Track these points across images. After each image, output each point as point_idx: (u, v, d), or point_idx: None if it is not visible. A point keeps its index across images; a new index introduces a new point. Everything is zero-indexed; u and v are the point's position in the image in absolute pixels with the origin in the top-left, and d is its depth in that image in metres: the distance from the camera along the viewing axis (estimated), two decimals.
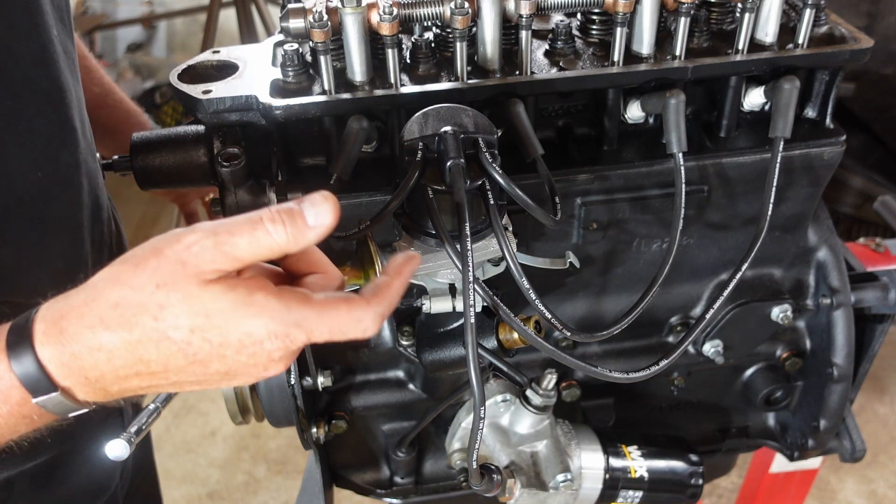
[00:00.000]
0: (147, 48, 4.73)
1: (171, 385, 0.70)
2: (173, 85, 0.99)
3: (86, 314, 0.66)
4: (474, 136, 0.85)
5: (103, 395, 0.70)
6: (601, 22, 1.03)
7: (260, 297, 0.66)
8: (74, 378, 0.67)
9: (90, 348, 0.65)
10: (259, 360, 0.68)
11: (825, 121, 1.11)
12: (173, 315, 0.65)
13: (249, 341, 0.66)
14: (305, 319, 0.67)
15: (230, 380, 0.70)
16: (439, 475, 1.30)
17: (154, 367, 0.67)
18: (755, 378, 1.32)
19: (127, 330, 0.65)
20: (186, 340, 0.65)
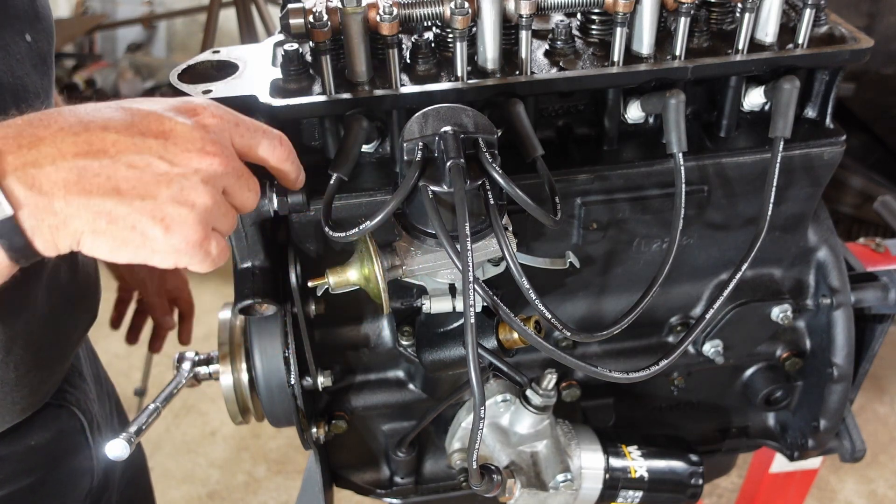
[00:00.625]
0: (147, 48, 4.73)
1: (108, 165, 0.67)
2: (173, 85, 0.99)
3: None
4: (474, 136, 0.85)
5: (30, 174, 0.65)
6: (601, 22, 1.03)
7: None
8: (7, 145, 0.65)
9: (31, 117, 0.67)
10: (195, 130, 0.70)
11: (825, 121, 1.11)
12: (114, 102, 0.70)
13: (185, 105, 0.72)
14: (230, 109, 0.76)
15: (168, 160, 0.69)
16: (439, 475, 1.30)
17: (92, 128, 0.67)
18: (755, 378, 1.32)
19: (69, 108, 0.68)
20: (123, 106, 0.70)
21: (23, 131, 0.65)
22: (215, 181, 0.72)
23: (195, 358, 1.16)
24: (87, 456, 1.17)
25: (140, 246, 0.69)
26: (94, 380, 1.26)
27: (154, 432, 2.84)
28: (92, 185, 0.66)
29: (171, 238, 0.70)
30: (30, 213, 0.65)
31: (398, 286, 1.07)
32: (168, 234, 0.69)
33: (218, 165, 0.71)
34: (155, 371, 2.91)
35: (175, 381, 1.13)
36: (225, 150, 0.72)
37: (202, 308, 3.18)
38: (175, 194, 0.69)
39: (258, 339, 1.06)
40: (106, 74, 4.19)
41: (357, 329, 1.16)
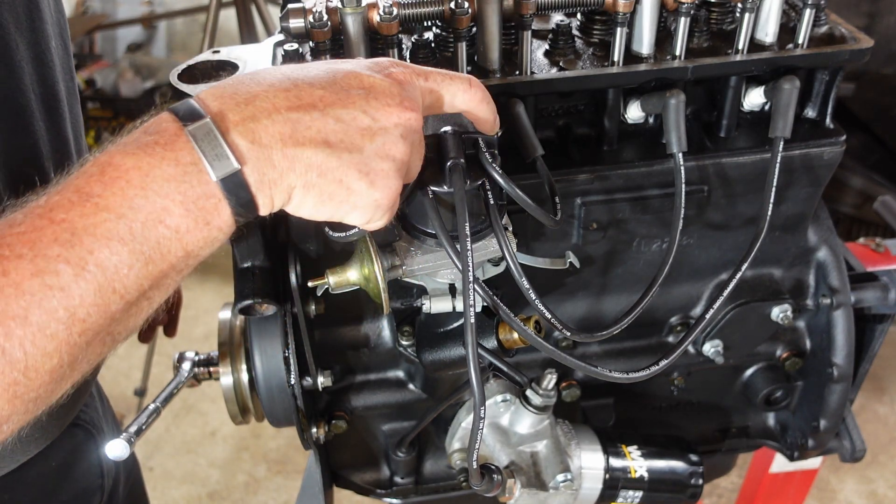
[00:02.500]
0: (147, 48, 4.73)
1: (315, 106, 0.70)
2: (173, 85, 0.99)
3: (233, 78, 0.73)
4: (474, 135, 0.85)
5: (249, 128, 0.68)
6: (601, 22, 1.03)
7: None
8: (226, 102, 0.68)
9: (239, 77, 0.71)
10: (392, 85, 0.73)
11: (825, 121, 1.11)
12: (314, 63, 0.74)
13: (378, 64, 0.75)
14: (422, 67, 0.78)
15: (371, 115, 0.71)
16: (439, 475, 1.30)
17: (300, 84, 0.70)
18: (755, 378, 1.32)
19: (270, 68, 0.73)
20: (324, 65, 0.73)
21: (238, 89, 0.69)
22: (412, 135, 0.74)
23: (195, 358, 1.16)
24: (98, 472, 1.18)
25: (343, 200, 0.72)
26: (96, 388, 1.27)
27: (154, 432, 2.84)
28: (305, 137, 0.68)
29: (373, 192, 0.72)
30: (252, 167, 0.67)
31: (398, 286, 1.07)
32: (371, 187, 0.72)
33: (414, 120, 0.73)
34: (155, 371, 2.91)
35: (175, 381, 1.13)
36: (416, 104, 0.74)
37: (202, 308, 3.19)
38: (378, 148, 0.71)
39: (258, 339, 1.06)
40: (106, 74, 4.18)
41: (357, 329, 1.16)
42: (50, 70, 0.93)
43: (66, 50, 1.00)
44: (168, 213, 0.65)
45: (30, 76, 0.89)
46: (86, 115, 3.95)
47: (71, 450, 1.11)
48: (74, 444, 1.12)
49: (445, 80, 0.78)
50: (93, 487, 1.17)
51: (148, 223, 0.64)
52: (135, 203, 0.64)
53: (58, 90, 0.95)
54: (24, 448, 1.00)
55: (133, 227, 0.64)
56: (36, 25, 0.91)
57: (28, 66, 0.89)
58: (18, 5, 0.87)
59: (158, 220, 0.65)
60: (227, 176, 0.66)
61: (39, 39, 0.91)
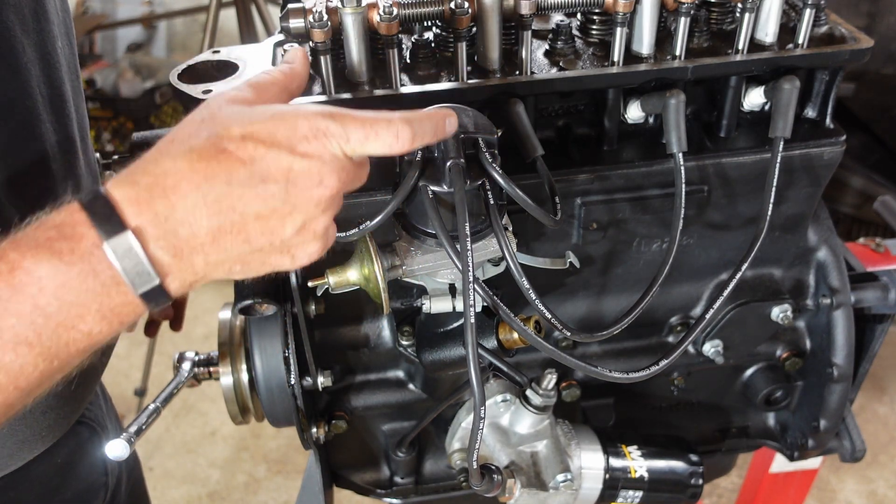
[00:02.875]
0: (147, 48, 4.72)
1: (239, 225, 0.69)
2: (173, 85, 0.99)
3: (145, 158, 0.69)
4: (474, 136, 0.85)
5: (172, 246, 0.67)
6: (601, 22, 1.03)
7: (287, 101, 0.79)
8: (145, 215, 0.66)
9: (156, 177, 0.67)
10: (313, 163, 0.70)
11: (825, 121, 1.11)
12: (223, 126, 0.69)
13: (295, 136, 0.70)
14: (340, 114, 0.72)
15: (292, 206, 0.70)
16: (439, 475, 1.30)
17: (219, 186, 0.67)
18: (755, 378, 1.32)
19: (187, 152, 0.68)
20: (242, 147, 0.69)
21: (154, 195, 0.66)
22: (334, 203, 0.74)
23: (195, 358, 1.16)
24: (102, 470, 1.18)
25: (270, 271, 0.74)
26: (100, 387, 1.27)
27: (154, 432, 2.84)
28: (226, 241, 0.69)
29: (297, 262, 0.74)
30: (174, 277, 0.68)
31: (398, 286, 1.07)
32: (294, 260, 0.74)
33: (337, 191, 0.73)
34: (155, 371, 2.91)
35: (175, 381, 1.13)
36: (342, 172, 0.73)
37: (202, 308, 3.19)
38: (299, 229, 0.72)
39: (258, 339, 1.06)
40: (106, 74, 4.18)
41: (357, 329, 1.16)
42: (56, 71, 0.93)
43: (72, 49, 1.00)
44: (81, 319, 0.66)
45: (36, 78, 0.89)
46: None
47: (75, 447, 1.11)
48: (79, 441, 1.12)
49: (369, 138, 0.74)
50: (97, 485, 1.17)
51: (58, 329, 0.65)
52: (46, 311, 0.64)
53: (64, 91, 0.95)
54: (30, 446, 1.01)
55: (42, 333, 0.64)
56: (42, 26, 0.90)
57: (35, 68, 0.89)
58: (25, 6, 0.87)
59: (71, 326, 0.65)
60: (149, 290, 0.67)
61: (46, 40, 0.91)
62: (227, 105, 0.73)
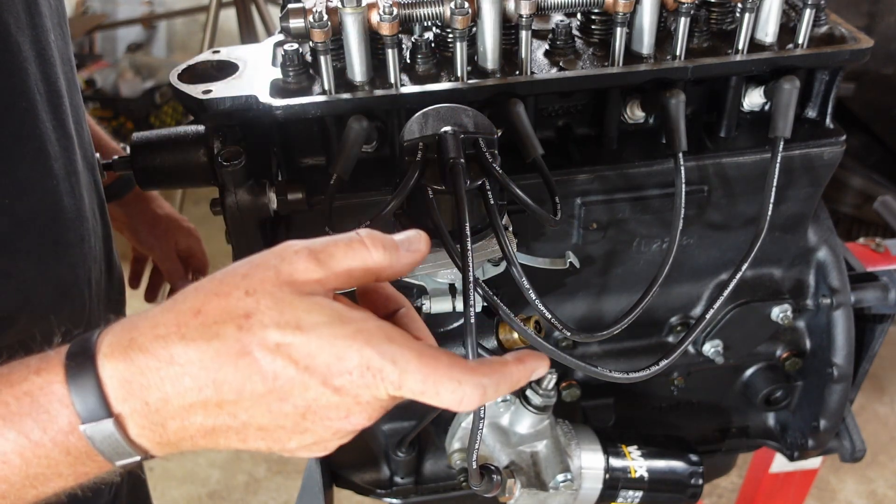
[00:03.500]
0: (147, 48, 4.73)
1: (237, 429, 0.61)
2: (173, 85, 0.99)
3: (161, 322, 0.59)
4: (474, 136, 0.85)
5: (157, 436, 0.61)
6: (601, 22, 1.03)
7: (358, 316, 0.60)
8: (133, 402, 0.59)
9: (159, 361, 0.58)
10: (344, 400, 0.60)
11: (825, 121, 1.11)
12: (261, 324, 0.58)
13: (338, 368, 0.59)
14: (403, 357, 0.59)
15: (304, 429, 0.61)
16: (439, 475, 1.30)
17: (226, 393, 0.59)
18: (755, 378, 1.32)
19: (205, 340, 0.58)
20: (270, 359, 0.58)
21: (151, 384, 0.58)
22: (355, 433, 0.65)
23: None
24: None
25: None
26: None
27: None
28: (219, 437, 0.62)
29: (295, 455, 0.66)
30: (158, 453, 0.63)
31: (398, 286, 1.07)
32: (293, 455, 0.66)
33: (362, 427, 0.63)
34: None
35: None
36: (375, 413, 0.62)
37: None
38: (306, 446, 0.64)
39: None
40: (106, 74, 4.18)
41: None
42: (52, 66, 0.92)
43: (65, 39, 0.98)
44: (51, 482, 0.62)
45: (34, 76, 0.88)
46: None
47: None
48: None
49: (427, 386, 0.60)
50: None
51: (26, 489, 0.61)
52: (11, 480, 0.60)
53: (59, 86, 0.93)
54: None
55: (8, 496, 0.61)
56: (36, 21, 0.89)
57: (32, 66, 0.87)
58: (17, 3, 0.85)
59: (40, 486, 0.62)
60: (129, 462, 0.62)
61: (40, 36, 0.89)
62: (285, 284, 0.60)
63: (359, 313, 0.61)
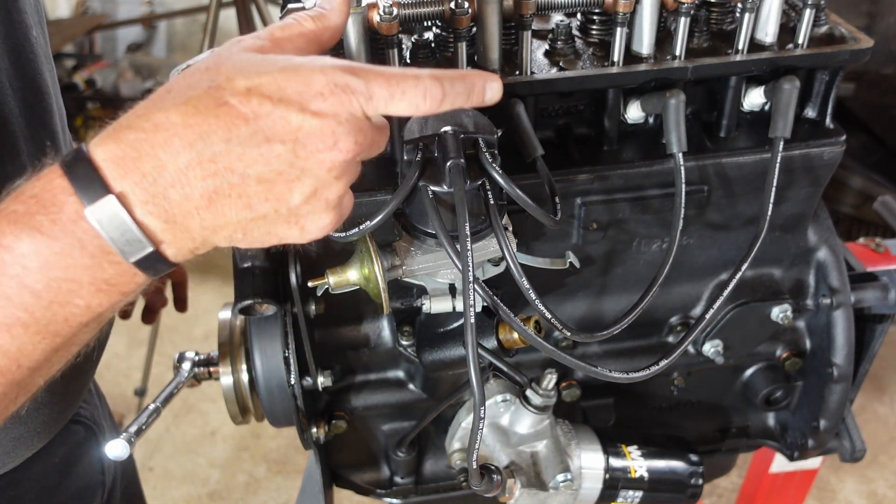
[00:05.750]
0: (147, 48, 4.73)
1: (238, 186, 0.62)
2: None
3: (141, 107, 0.63)
4: (474, 136, 0.85)
5: (162, 211, 0.61)
6: (601, 22, 1.03)
7: (314, 54, 0.68)
8: (131, 176, 0.60)
9: (145, 132, 0.60)
10: (326, 122, 0.63)
11: (825, 121, 1.11)
12: (227, 78, 0.62)
13: (309, 93, 0.62)
14: (363, 68, 0.64)
15: (300, 170, 0.63)
16: (439, 475, 1.30)
17: (216, 143, 0.60)
18: (755, 378, 1.32)
19: (182, 103, 0.61)
20: (245, 101, 0.61)
21: (142, 153, 0.60)
22: (350, 169, 0.67)
23: (195, 358, 1.16)
24: (100, 469, 1.18)
25: (276, 242, 0.68)
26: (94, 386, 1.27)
27: (154, 432, 2.84)
28: (224, 205, 0.63)
29: (307, 234, 0.68)
30: (169, 244, 0.63)
31: (398, 286, 1.07)
32: (304, 232, 0.68)
33: (352, 156, 0.65)
34: (155, 371, 2.91)
35: (175, 381, 1.13)
36: (359, 135, 0.65)
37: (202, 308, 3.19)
38: (309, 196, 0.65)
39: (258, 339, 1.06)
40: (106, 74, 4.19)
41: (357, 329, 1.16)
42: (30, 63, 0.90)
43: (46, 39, 0.97)
44: (76, 294, 0.61)
45: (6, 71, 0.86)
46: (86, 115, 3.94)
47: (73, 447, 1.11)
48: (76, 441, 1.12)
49: (395, 96, 0.66)
50: (94, 484, 1.17)
51: (52, 306, 0.61)
52: (35, 290, 0.60)
53: (41, 83, 0.92)
54: (26, 443, 1.01)
55: (35, 312, 0.61)
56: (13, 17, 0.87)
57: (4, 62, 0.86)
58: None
59: (65, 301, 0.61)
60: (143, 258, 0.62)
61: (17, 31, 0.88)
62: (238, 53, 0.65)
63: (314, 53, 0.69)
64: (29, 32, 0.90)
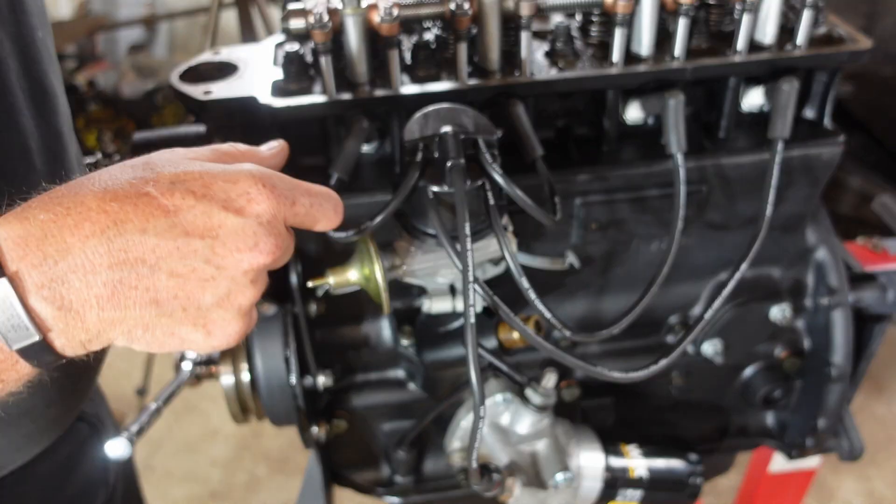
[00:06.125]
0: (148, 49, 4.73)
1: (147, 277, 0.59)
2: (174, 86, 0.99)
3: (56, 190, 0.59)
4: (474, 136, 0.85)
5: (58, 297, 0.58)
6: (601, 23, 1.04)
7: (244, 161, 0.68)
8: (30, 257, 0.56)
9: (56, 214, 0.57)
10: (248, 223, 0.62)
11: (824, 121, 1.11)
12: (152, 171, 0.60)
13: (235, 191, 0.62)
14: (287, 177, 0.66)
15: (217, 266, 0.61)
16: (439, 474, 1.30)
17: (130, 231, 0.58)
18: (754, 377, 1.32)
19: (102, 187, 0.59)
20: (169, 194, 0.59)
21: (48, 234, 0.57)
22: (262, 276, 0.66)
23: (196, 357, 1.17)
24: (103, 466, 1.18)
25: (178, 347, 0.65)
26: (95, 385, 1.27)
27: (155, 432, 2.84)
28: (128, 298, 0.59)
29: (212, 340, 0.65)
30: (59, 333, 0.59)
31: (398, 286, 1.07)
32: (209, 337, 0.65)
33: (270, 261, 0.64)
34: (156, 370, 2.91)
35: (176, 381, 1.13)
36: (279, 240, 0.64)
37: None
38: (220, 299, 0.63)
39: (259, 338, 1.06)
40: (107, 75, 4.19)
41: (357, 329, 1.16)
42: (37, 64, 0.90)
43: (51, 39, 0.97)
44: None
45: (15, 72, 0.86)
46: (87, 116, 3.95)
47: (77, 445, 1.11)
48: (80, 438, 1.12)
49: (313, 208, 0.68)
50: (98, 481, 1.17)
51: None
52: None
53: (47, 84, 0.92)
54: (36, 440, 1.01)
55: None
56: (19, 18, 0.87)
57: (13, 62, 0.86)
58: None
59: None
60: (27, 346, 0.58)
61: (24, 32, 0.88)
62: (171, 153, 0.64)
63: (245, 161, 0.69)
64: (35, 34, 0.91)
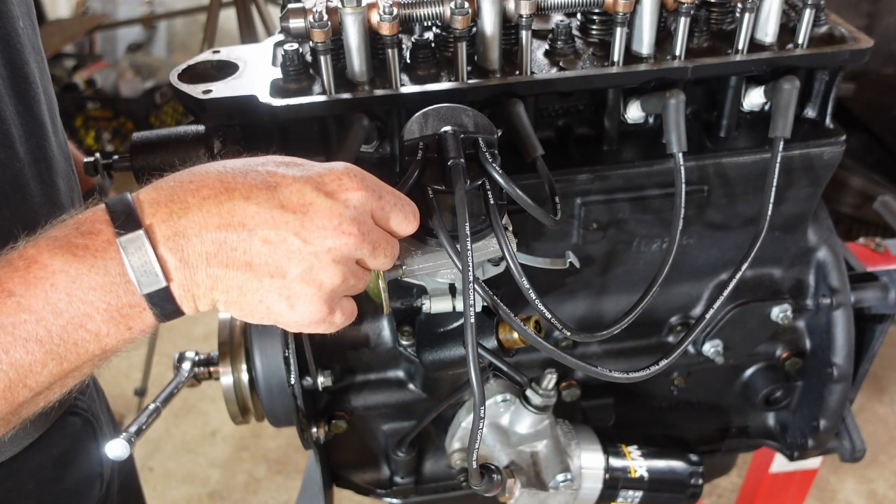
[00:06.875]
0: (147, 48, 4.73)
1: (245, 241, 0.69)
2: (173, 85, 0.99)
3: (189, 168, 0.72)
4: (474, 135, 0.85)
5: (179, 245, 0.68)
6: (601, 22, 1.03)
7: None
8: (159, 214, 0.68)
9: (181, 181, 0.69)
10: (336, 205, 0.70)
11: (825, 121, 1.11)
12: (266, 159, 0.73)
13: (329, 175, 0.72)
14: (373, 176, 0.75)
15: (304, 240, 0.70)
16: (439, 475, 1.30)
17: (236, 198, 0.69)
18: (755, 378, 1.32)
19: (221, 165, 0.71)
20: (272, 171, 0.71)
21: (174, 196, 0.69)
22: (347, 259, 0.73)
23: (195, 358, 1.16)
24: (98, 462, 1.18)
25: (265, 317, 0.73)
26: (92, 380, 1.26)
27: (154, 432, 2.84)
28: (229, 258, 0.69)
29: (294, 314, 0.73)
30: (178, 284, 0.69)
31: (398, 286, 1.07)
32: (292, 311, 0.72)
33: (352, 245, 0.72)
34: (155, 371, 2.91)
35: (175, 381, 1.13)
36: (363, 227, 0.72)
37: None
38: (304, 273, 0.71)
39: (258, 339, 1.06)
40: (106, 74, 4.19)
41: (357, 329, 1.16)
42: (18, 52, 0.91)
43: (35, 30, 0.98)
44: (90, 318, 0.67)
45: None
46: (86, 115, 3.95)
47: (70, 438, 1.11)
48: (74, 432, 1.12)
49: (396, 207, 0.76)
50: (93, 476, 1.17)
51: (68, 327, 0.66)
52: (57, 307, 0.66)
53: (28, 73, 0.93)
54: (22, 433, 1.00)
55: (52, 330, 0.66)
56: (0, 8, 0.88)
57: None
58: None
59: (80, 324, 0.67)
60: (154, 291, 0.68)
61: (4, 21, 0.89)
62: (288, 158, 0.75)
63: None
64: (16, 23, 0.91)
